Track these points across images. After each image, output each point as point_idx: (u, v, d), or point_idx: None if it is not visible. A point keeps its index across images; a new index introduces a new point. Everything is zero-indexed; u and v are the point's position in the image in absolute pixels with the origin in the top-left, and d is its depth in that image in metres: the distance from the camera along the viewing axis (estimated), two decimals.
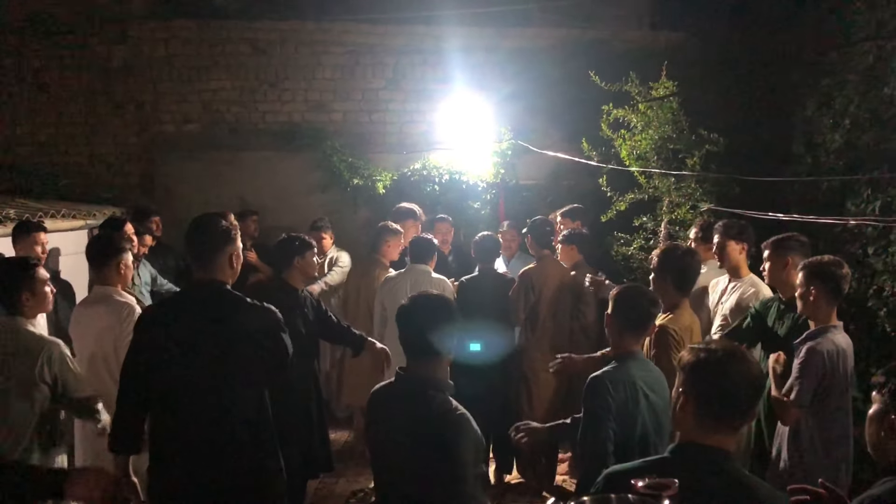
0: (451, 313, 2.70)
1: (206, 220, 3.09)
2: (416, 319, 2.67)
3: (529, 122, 7.81)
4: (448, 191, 7.80)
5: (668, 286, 3.74)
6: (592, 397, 2.91)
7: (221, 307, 3.00)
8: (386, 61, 8.17)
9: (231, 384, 2.94)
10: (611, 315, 3.13)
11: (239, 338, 2.95)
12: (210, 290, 3.03)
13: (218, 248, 3.02)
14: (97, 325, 3.92)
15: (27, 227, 4.92)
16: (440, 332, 2.64)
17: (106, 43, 8.04)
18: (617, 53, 7.62)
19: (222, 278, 3.05)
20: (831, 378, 3.53)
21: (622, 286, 3.23)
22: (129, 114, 8.11)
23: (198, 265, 3.07)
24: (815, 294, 3.58)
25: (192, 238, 3.07)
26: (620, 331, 3.08)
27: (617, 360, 3.06)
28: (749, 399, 2.06)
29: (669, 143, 6.28)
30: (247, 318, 2.98)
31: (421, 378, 2.64)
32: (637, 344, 3.11)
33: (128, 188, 8.14)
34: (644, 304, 3.11)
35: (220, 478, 2.91)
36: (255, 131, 8.13)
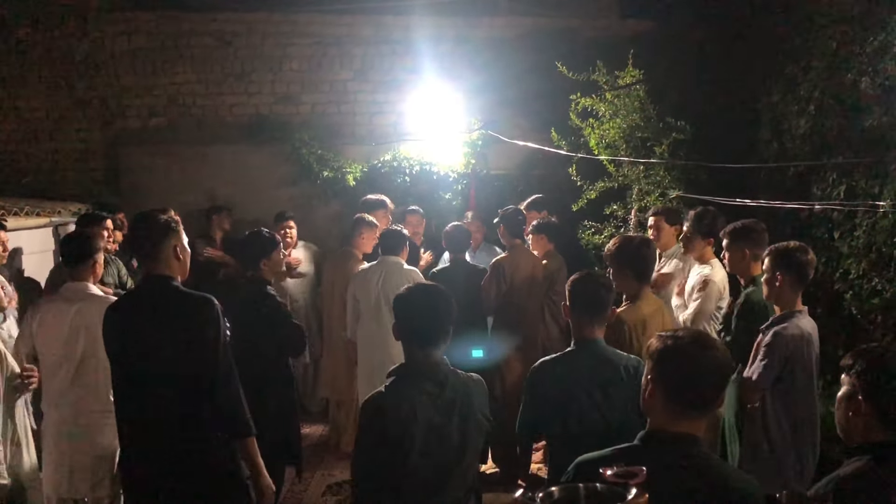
0: (452, 300, 2.74)
1: (146, 216, 3.16)
2: (434, 309, 2.68)
3: (500, 111, 7.80)
4: (419, 182, 7.78)
5: (627, 277, 3.75)
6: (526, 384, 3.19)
7: (164, 302, 3.07)
8: (354, 52, 8.11)
9: (178, 379, 3.00)
10: (569, 304, 3.17)
11: (181, 331, 3.01)
12: (154, 285, 3.11)
13: (159, 243, 3.09)
14: (78, 321, 3.87)
15: None
16: (451, 320, 2.69)
17: (67, 36, 7.88)
18: (585, 42, 7.63)
19: (168, 272, 3.11)
20: (795, 362, 3.60)
21: (576, 274, 3.24)
22: (93, 108, 7.97)
23: (143, 261, 3.18)
24: (781, 280, 3.64)
25: (134, 234, 3.18)
26: (579, 317, 3.12)
27: (575, 346, 3.12)
28: (716, 385, 2.08)
29: (637, 132, 6.32)
30: (183, 310, 3.05)
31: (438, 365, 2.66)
32: (595, 331, 3.11)
33: (93, 184, 7.99)
34: (597, 289, 3.13)
35: (178, 473, 3.01)
36: (223, 124, 8.03)
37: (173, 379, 3.00)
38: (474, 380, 2.77)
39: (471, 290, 5.45)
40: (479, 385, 2.77)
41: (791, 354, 3.59)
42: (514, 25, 8.11)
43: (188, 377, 3.00)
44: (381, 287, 5.30)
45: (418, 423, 2.55)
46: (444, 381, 2.64)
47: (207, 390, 3.01)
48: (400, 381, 2.64)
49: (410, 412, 2.55)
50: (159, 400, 3.00)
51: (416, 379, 2.63)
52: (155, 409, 3.00)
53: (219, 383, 3.03)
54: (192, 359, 3.00)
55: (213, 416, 3.04)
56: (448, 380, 2.66)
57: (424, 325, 2.66)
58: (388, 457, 2.54)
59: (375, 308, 5.33)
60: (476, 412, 2.70)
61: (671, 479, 1.94)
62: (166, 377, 3.00)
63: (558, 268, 5.55)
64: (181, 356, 2.99)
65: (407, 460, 2.54)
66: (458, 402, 2.64)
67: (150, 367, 3.01)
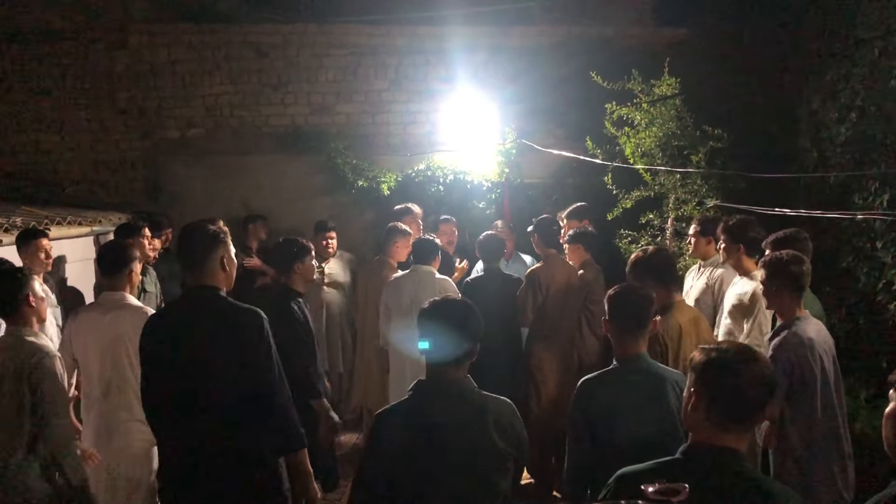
0: (479, 315, 2.70)
1: (195, 227, 3.16)
2: (456, 325, 2.62)
3: (533, 120, 7.79)
4: (452, 191, 7.79)
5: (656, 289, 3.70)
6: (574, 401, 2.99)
7: (210, 313, 3.04)
8: (388, 62, 8.16)
9: (219, 386, 2.98)
10: (609, 318, 3.09)
11: (227, 343, 2.98)
12: (200, 296, 3.08)
13: (207, 254, 3.07)
14: (113, 331, 3.93)
15: (30, 234, 4.93)
16: (474, 335, 2.64)
17: (108, 49, 8.04)
18: (620, 51, 7.59)
19: (213, 283, 3.09)
20: (802, 369, 3.57)
21: (615, 288, 3.18)
22: (133, 119, 8.11)
23: (188, 272, 3.14)
24: (777, 290, 3.69)
25: (182, 245, 3.14)
26: (622, 331, 3.03)
27: (617, 361, 3.04)
28: (760, 399, 2.05)
29: (674, 140, 6.26)
30: (234, 323, 3.02)
31: (460, 381, 2.61)
32: (638, 346, 3.02)
33: (132, 194, 8.13)
34: (638, 301, 3.07)
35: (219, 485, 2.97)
36: (259, 135, 8.13)
37: (221, 390, 2.97)
38: (499, 403, 2.64)
39: (505, 299, 5.44)
40: (502, 409, 2.63)
41: (795, 363, 3.57)
42: (548, 34, 8.10)
43: (238, 389, 2.98)
44: (413, 296, 5.31)
45: (427, 437, 2.52)
46: (459, 398, 2.58)
47: (258, 403, 3.00)
48: (417, 394, 2.62)
49: (421, 426, 2.53)
50: (204, 412, 2.96)
51: (434, 394, 2.60)
52: (199, 420, 2.97)
53: (272, 396, 3.02)
54: (244, 371, 2.98)
55: (267, 429, 3.03)
56: (466, 397, 2.59)
57: (448, 344, 2.60)
58: (386, 471, 2.54)
59: (407, 317, 5.33)
60: (490, 438, 2.54)
61: (714, 494, 1.92)
62: (214, 388, 2.97)
63: (595, 277, 5.51)
64: (232, 368, 2.96)
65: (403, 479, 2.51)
66: (472, 423, 2.54)
67: (197, 378, 2.97)
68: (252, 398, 2.99)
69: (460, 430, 2.52)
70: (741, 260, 4.63)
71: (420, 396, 2.60)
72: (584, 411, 2.93)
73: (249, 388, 2.99)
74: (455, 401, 2.56)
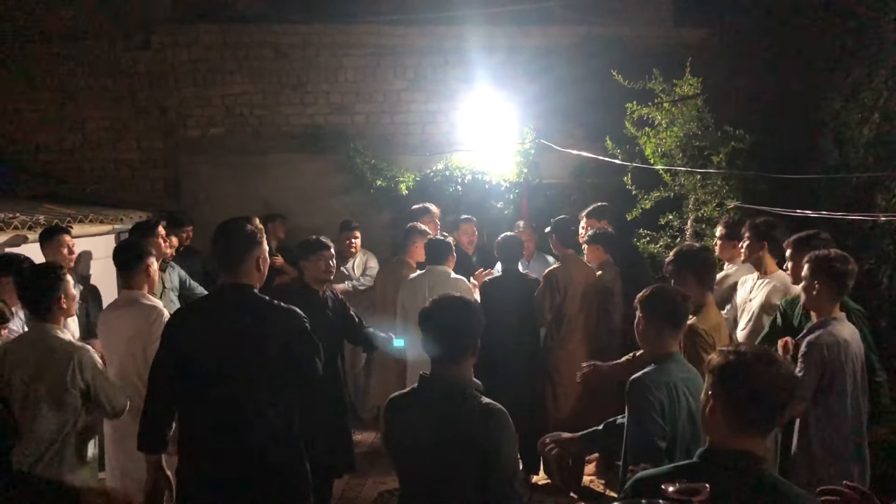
0: (477, 313, 2.70)
1: (232, 225, 3.13)
2: (443, 321, 2.64)
3: (552, 120, 7.77)
4: (471, 191, 7.80)
5: (691, 286, 3.70)
6: (636, 397, 2.92)
7: (248, 310, 3.03)
8: (407, 62, 8.18)
9: (258, 386, 2.97)
10: (644, 318, 3.09)
11: (266, 340, 2.98)
12: (237, 294, 3.07)
13: (244, 253, 3.06)
14: (126, 329, 3.96)
15: (52, 231, 4.99)
16: (469, 333, 2.64)
17: (130, 49, 8.12)
18: (640, 51, 7.56)
19: (249, 282, 3.08)
20: (833, 369, 3.54)
21: (650, 289, 3.19)
22: (154, 119, 8.19)
23: (225, 269, 3.11)
24: (819, 288, 3.62)
25: (219, 243, 3.11)
26: (659, 331, 3.04)
27: (656, 363, 3.03)
28: (779, 402, 2.04)
29: (694, 141, 6.23)
30: (273, 321, 3.02)
31: (453, 380, 2.61)
32: (675, 345, 3.09)
33: (153, 193, 8.21)
34: (679, 301, 3.09)
35: (246, 479, 2.95)
36: (279, 134, 8.17)
37: (258, 388, 2.97)
38: (490, 411, 2.56)
39: (523, 300, 5.43)
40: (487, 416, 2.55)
41: (828, 362, 3.53)
42: (568, 34, 8.08)
43: (277, 388, 2.99)
44: (429, 296, 5.30)
45: (407, 433, 2.61)
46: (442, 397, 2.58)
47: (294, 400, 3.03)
48: (414, 390, 2.69)
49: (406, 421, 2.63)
50: (234, 408, 2.96)
51: (424, 391, 2.64)
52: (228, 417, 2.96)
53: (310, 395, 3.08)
54: (284, 368, 2.99)
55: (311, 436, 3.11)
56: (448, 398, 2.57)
57: (442, 341, 2.63)
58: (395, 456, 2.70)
59: None
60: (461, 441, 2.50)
61: (732, 498, 1.91)
62: (249, 386, 2.96)
63: (613, 278, 5.49)
64: (270, 365, 2.97)
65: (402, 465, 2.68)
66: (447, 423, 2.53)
67: (231, 374, 2.96)
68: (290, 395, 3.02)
69: (438, 426, 2.54)
70: (763, 258, 4.60)
71: (420, 389, 2.66)
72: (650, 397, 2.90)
73: (290, 385, 3.01)
74: (443, 397, 2.59)
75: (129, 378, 3.93)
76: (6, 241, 5.00)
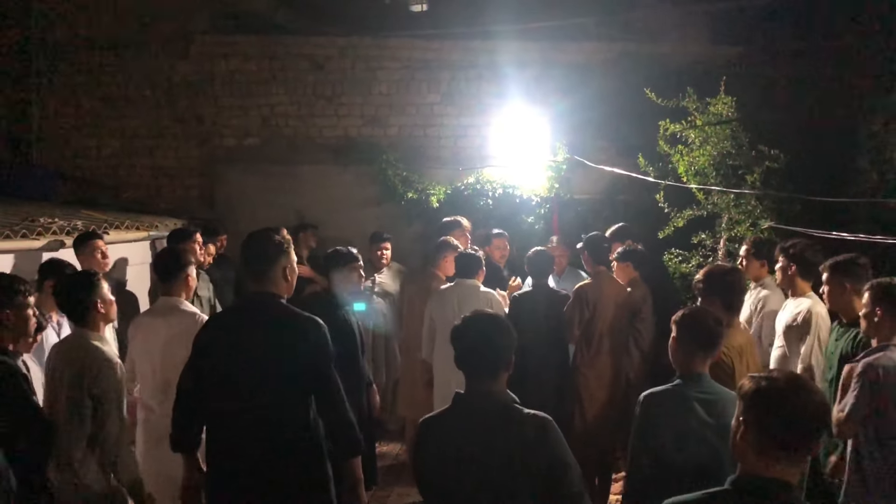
0: (509, 327, 2.71)
1: (261, 235, 3.19)
2: (478, 336, 2.64)
3: (585, 136, 7.76)
4: (501, 205, 7.80)
5: (717, 307, 3.66)
6: (638, 415, 3.04)
7: (272, 320, 3.08)
8: (441, 76, 8.23)
9: (281, 393, 3.02)
10: (677, 338, 3.10)
11: (287, 349, 3.02)
12: (262, 303, 3.13)
13: (272, 262, 3.12)
14: (165, 335, 4.00)
15: (85, 236, 5.08)
16: (504, 347, 2.64)
17: (170, 58, 8.27)
18: (675, 68, 7.52)
19: (276, 291, 3.14)
20: (889, 394, 3.46)
21: (686, 310, 3.20)
22: (191, 127, 8.32)
23: (252, 279, 3.18)
24: (881, 315, 3.56)
25: (247, 252, 3.19)
26: (692, 353, 3.06)
27: (680, 379, 3.06)
28: (813, 430, 1.99)
29: (729, 160, 6.17)
30: (294, 330, 3.06)
31: (493, 395, 2.60)
32: (705, 366, 3.08)
33: (189, 200, 8.33)
34: (713, 326, 3.09)
35: (269, 485, 3.00)
36: (312, 145, 8.25)
37: (280, 396, 3.01)
38: (538, 423, 2.54)
39: (552, 315, 5.41)
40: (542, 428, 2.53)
41: (884, 386, 3.45)
42: (603, 50, 8.07)
43: (296, 395, 3.03)
44: (458, 309, 5.31)
45: (448, 454, 2.55)
46: (487, 413, 2.56)
47: (319, 408, 3.06)
48: (451, 408, 2.65)
49: (448, 439, 2.56)
50: (260, 414, 3.00)
51: (464, 407, 2.61)
52: (254, 422, 3.01)
53: (331, 403, 3.07)
54: (303, 377, 3.02)
55: (327, 435, 3.08)
56: (493, 412, 2.56)
57: (476, 356, 2.62)
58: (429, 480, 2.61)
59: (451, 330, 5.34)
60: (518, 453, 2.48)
61: None
62: (272, 392, 3.01)
63: (643, 297, 5.44)
64: (292, 372, 3.01)
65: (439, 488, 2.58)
66: (497, 437, 2.51)
67: (254, 381, 3.01)
68: (302, 401, 3.04)
69: (488, 443, 2.51)
70: (796, 282, 4.54)
71: (457, 406, 2.63)
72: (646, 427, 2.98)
73: (310, 393, 3.04)
74: (488, 413, 2.57)
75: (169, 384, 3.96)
76: (44, 245, 5.10)
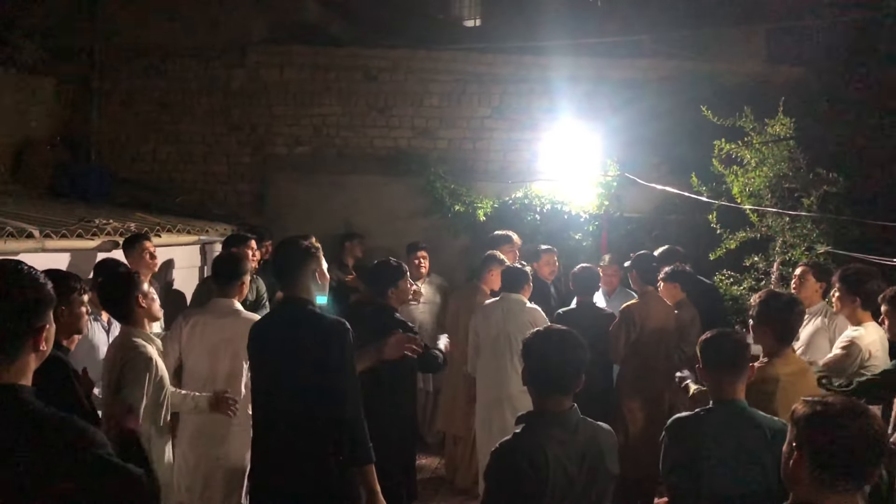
0: (583, 344, 2.68)
1: (288, 242, 3.35)
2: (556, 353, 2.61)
3: (636, 153, 7.66)
4: (549, 221, 7.73)
5: (767, 336, 3.56)
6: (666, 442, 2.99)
7: (298, 323, 3.20)
8: (492, 90, 8.22)
9: (302, 394, 3.12)
10: (703, 364, 3.03)
11: (312, 351, 3.12)
12: (291, 308, 3.28)
13: (299, 268, 3.24)
14: (219, 336, 4.10)
15: (134, 238, 5.18)
16: (579, 365, 2.63)
17: (226, 67, 8.42)
18: (731, 87, 7.39)
19: (305, 295, 3.25)
20: None
21: (709, 334, 3.11)
22: (244, 135, 8.44)
23: (282, 284, 3.38)
24: None
25: (276, 260, 3.38)
26: (718, 377, 2.97)
27: (714, 405, 2.98)
28: (870, 457, 1.92)
29: (785, 182, 6.04)
30: (316, 333, 3.15)
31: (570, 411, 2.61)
32: (736, 391, 2.96)
33: (239, 207, 8.45)
34: (732, 347, 2.99)
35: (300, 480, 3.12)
36: (363, 156, 8.31)
37: (303, 400, 3.11)
38: (604, 430, 2.69)
39: (596, 334, 5.29)
40: (608, 436, 2.70)
41: None
42: (657, 67, 7.98)
43: (317, 399, 3.09)
44: (502, 324, 5.28)
45: (551, 470, 2.48)
46: (574, 428, 2.58)
47: (330, 413, 3.09)
48: (532, 428, 2.58)
49: (544, 460, 2.48)
50: (289, 419, 3.13)
51: (548, 426, 2.57)
52: (285, 428, 3.15)
53: (343, 407, 3.10)
54: (321, 381, 3.08)
55: (338, 440, 3.11)
56: (578, 427, 2.60)
57: (554, 372, 2.59)
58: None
59: (495, 344, 5.31)
60: (605, 462, 2.61)
61: None
62: (296, 397, 3.12)
63: (691, 320, 5.33)
64: (311, 377, 3.09)
65: None
66: (588, 451, 2.57)
67: (282, 387, 3.15)
68: (322, 406, 3.10)
69: (579, 460, 2.54)
70: (855, 312, 4.37)
71: (534, 428, 2.58)
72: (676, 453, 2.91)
73: (325, 396, 3.10)
74: (569, 430, 2.57)
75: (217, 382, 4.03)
76: (98, 245, 5.21)
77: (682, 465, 2.87)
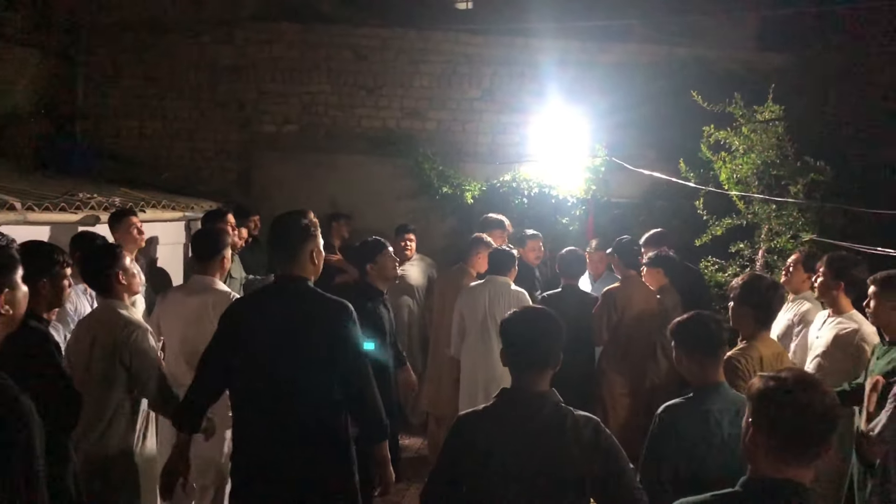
0: (561, 324, 2.64)
1: (288, 218, 3.17)
2: (533, 332, 2.58)
3: (625, 138, 7.66)
4: (537, 204, 7.73)
5: (748, 318, 3.60)
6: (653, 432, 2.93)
7: (302, 302, 3.07)
8: (482, 72, 8.18)
9: (307, 374, 3.01)
10: (678, 348, 3.03)
11: (317, 329, 3.02)
12: (291, 286, 3.11)
13: (299, 246, 3.10)
14: (196, 310, 4.03)
15: (120, 213, 5.14)
16: (556, 344, 2.59)
17: (214, 42, 8.33)
18: (721, 73, 7.40)
19: (304, 274, 3.12)
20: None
21: (684, 317, 3.11)
22: (231, 112, 8.37)
23: (280, 262, 3.18)
24: None
25: (274, 236, 3.18)
26: (697, 361, 2.97)
27: (694, 392, 2.97)
28: (822, 430, 1.93)
29: (772, 169, 6.05)
30: (323, 312, 3.05)
31: (543, 393, 2.55)
32: (717, 374, 2.98)
33: (226, 184, 8.39)
34: (713, 328, 2.99)
35: (293, 467, 2.99)
36: (351, 135, 8.26)
37: (306, 376, 3.00)
38: (591, 424, 2.53)
39: (581, 317, 5.33)
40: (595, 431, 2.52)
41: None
42: (647, 52, 7.97)
43: (327, 377, 3.01)
44: (488, 306, 5.29)
45: (496, 449, 2.48)
46: (536, 412, 2.51)
47: (347, 392, 3.04)
48: (495, 405, 2.58)
49: (491, 438, 2.49)
50: (290, 396, 2.99)
51: (511, 405, 2.55)
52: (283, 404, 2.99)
53: (357, 386, 3.05)
54: (334, 360, 3.01)
55: (354, 420, 3.08)
56: (543, 412, 2.51)
57: (527, 347, 2.56)
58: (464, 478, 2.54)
59: (482, 327, 5.31)
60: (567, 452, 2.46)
61: None
62: (303, 374, 3.00)
63: (674, 305, 5.34)
64: (322, 355, 2.99)
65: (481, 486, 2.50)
66: (549, 437, 2.47)
67: (285, 363, 2.99)
68: (341, 387, 3.03)
69: (538, 443, 2.47)
70: (838, 298, 4.39)
71: (503, 404, 2.57)
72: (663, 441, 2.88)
73: (339, 376, 3.02)
74: (538, 413, 2.52)
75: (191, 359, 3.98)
76: (80, 219, 5.16)
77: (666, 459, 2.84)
